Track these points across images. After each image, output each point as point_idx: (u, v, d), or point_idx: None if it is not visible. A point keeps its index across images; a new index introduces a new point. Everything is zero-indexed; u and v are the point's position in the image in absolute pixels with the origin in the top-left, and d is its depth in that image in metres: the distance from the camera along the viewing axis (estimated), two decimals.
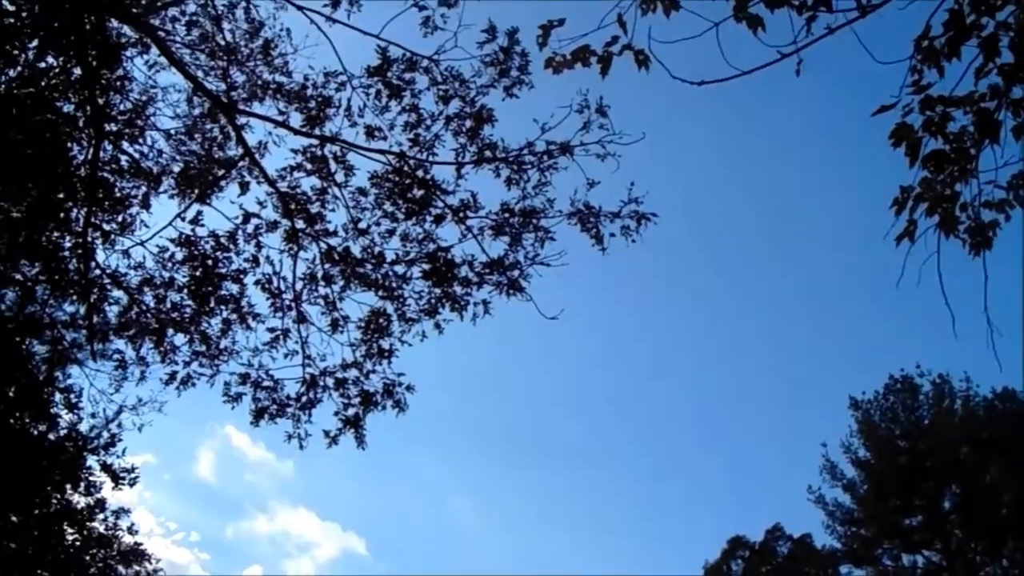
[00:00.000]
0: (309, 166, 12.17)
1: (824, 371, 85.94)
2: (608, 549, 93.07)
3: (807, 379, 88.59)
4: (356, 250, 12.48)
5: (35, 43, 11.32)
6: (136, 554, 19.60)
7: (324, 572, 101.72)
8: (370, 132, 11.84)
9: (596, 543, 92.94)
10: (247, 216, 12.37)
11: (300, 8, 11.44)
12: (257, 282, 12.69)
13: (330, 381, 12.76)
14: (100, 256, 13.00)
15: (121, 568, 19.43)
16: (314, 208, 12.41)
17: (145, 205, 12.91)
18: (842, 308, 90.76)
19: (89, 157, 12.09)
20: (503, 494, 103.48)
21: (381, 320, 12.55)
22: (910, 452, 35.72)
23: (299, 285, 12.64)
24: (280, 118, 11.98)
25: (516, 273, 11.86)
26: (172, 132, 12.85)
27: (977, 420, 34.02)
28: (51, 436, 17.13)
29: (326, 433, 12.61)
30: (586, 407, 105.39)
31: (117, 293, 13.37)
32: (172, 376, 13.05)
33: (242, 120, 12.21)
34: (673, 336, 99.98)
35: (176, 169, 12.83)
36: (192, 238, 12.51)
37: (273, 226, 12.48)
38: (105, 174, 12.58)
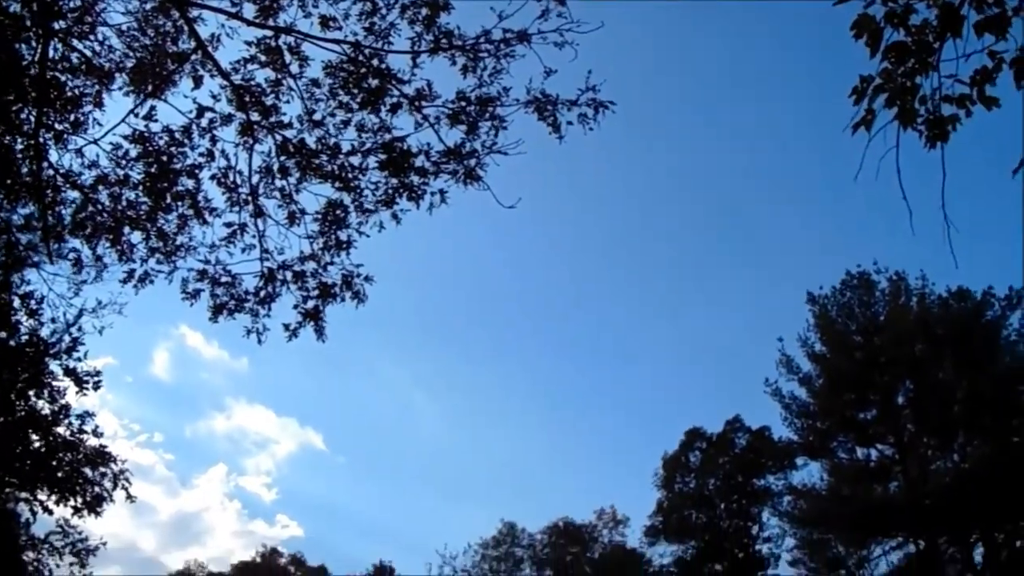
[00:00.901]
0: (263, 58, 11.80)
1: (783, 266, 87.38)
2: (567, 442, 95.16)
3: (767, 274, 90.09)
4: (311, 142, 12.24)
5: None
6: (102, 456, 19.74)
7: (284, 469, 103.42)
8: (325, 22, 11.47)
9: (555, 435, 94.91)
10: (201, 110, 12.03)
11: None
12: (213, 177, 12.44)
13: (288, 274, 12.67)
14: (53, 156, 12.74)
15: (88, 471, 19.58)
16: (269, 100, 12.08)
17: (98, 103, 12.50)
18: (802, 203, 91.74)
19: (38, 57, 11.67)
20: (462, 386, 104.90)
21: (338, 212, 12.41)
22: (865, 348, 36.53)
23: (255, 178, 12.41)
24: (233, 9, 11.55)
25: (473, 162, 11.72)
26: (123, 28, 12.39)
27: (932, 317, 34.67)
28: (12, 343, 17.02)
29: (286, 327, 12.56)
30: (546, 298, 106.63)
31: (72, 193, 13.12)
32: (130, 274, 12.90)
33: (194, 13, 11.75)
34: (632, 227, 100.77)
35: (129, 65, 12.43)
36: (146, 134, 12.19)
37: (228, 119, 12.15)
38: (56, 73, 12.16)
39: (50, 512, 19.45)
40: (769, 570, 40.64)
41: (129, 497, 20.02)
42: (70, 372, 17.48)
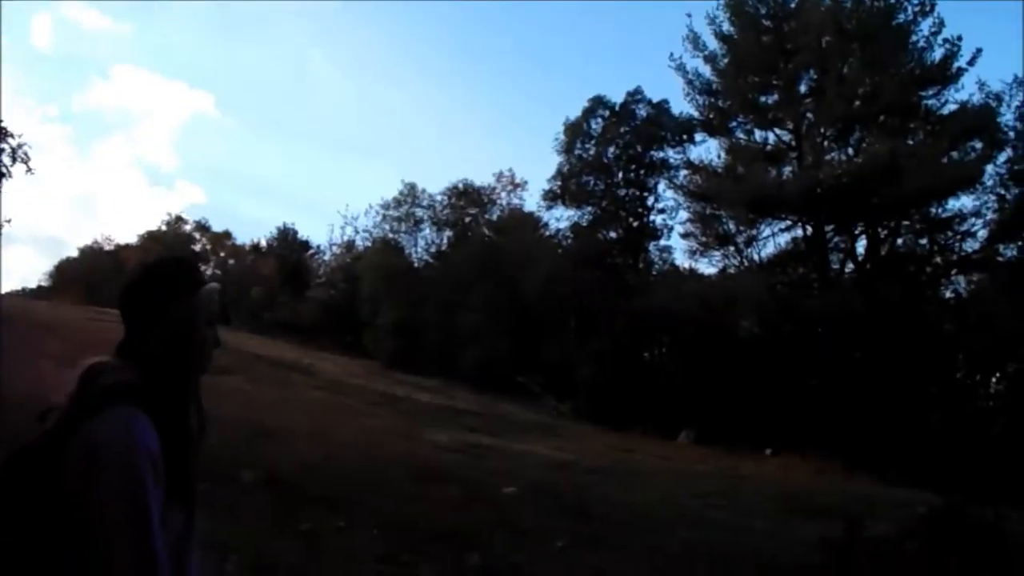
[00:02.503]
0: None
1: None
2: (470, 105, 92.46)
3: None
4: None
5: None
6: None
7: (179, 135, 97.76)
8: None
9: (458, 97, 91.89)
10: None
11: None
12: None
13: None
14: None
15: None
16: None
17: None
18: None
19: None
20: (363, 44, 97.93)
21: None
22: (774, 33, 36.52)
23: None
24: None
25: None
26: None
27: (844, 12, 34.51)
28: None
29: None
30: None
31: None
32: None
33: None
34: None
35: None
36: None
37: None
38: None
39: None
40: (662, 240, 43.31)
41: (29, 170, 19.66)
42: None
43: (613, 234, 43.03)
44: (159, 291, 2.12)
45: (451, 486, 12.43)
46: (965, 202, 33.89)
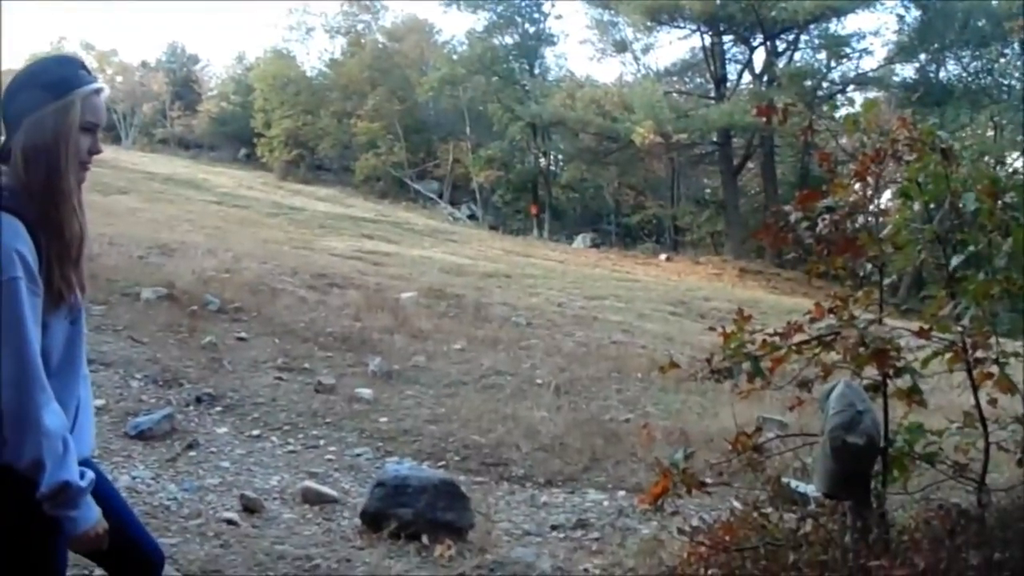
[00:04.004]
0: None
1: None
2: None
3: None
4: None
5: None
6: None
7: None
8: None
9: None
10: None
11: None
12: None
13: None
14: None
15: None
16: None
17: None
18: None
19: None
20: None
21: None
22: None
23: None
24: None
25: None
26: None
27: None
28: None
29: None
30: None
31: None
32: None
33: None
34: None
35: None
36: None
37: None
38: None
39: None
40: (558, 47, 42.46)
41: None
42: None
43: (509, 40, 42.05)
44: (38, 93, 2.05)
45: (349, 292, 12.59)
46: (865, 21, 34.17)
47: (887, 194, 3.68)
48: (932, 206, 3.38)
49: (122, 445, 5.56)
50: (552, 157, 42.95)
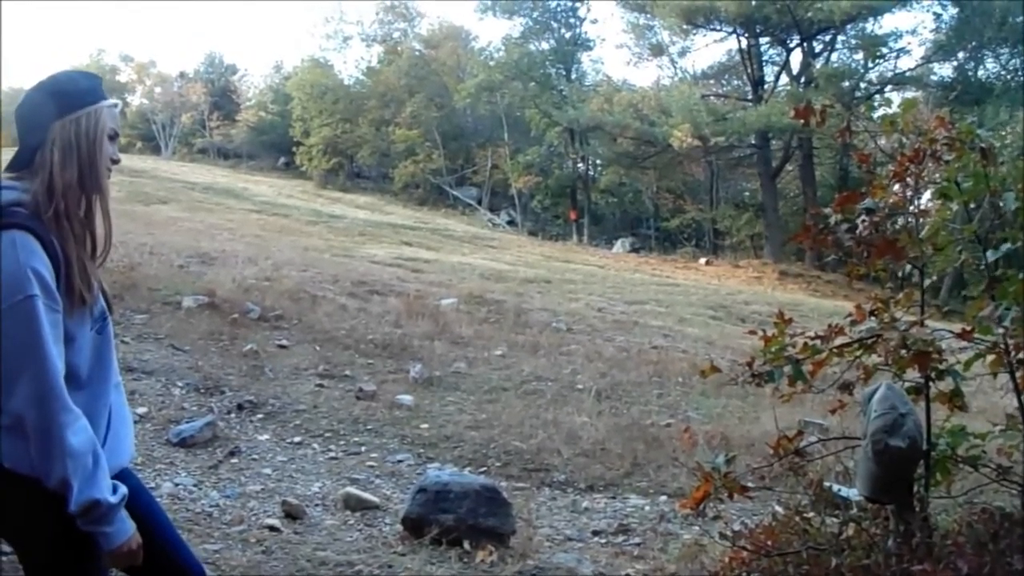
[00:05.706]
0: None
1: None
2: None
3: None
4: None
5: None
6: None
7: None
8: None
9: None
10: None
11: None
12: None
13: None
14: None
15: None
16: None
17: None
18: None
19: None
20: None
21: None
22: None
23: None
24: None
25: None
26: None
27: None
28: None
29: None
30: None
31: None
32: None
33: None
34: None
35: None
36: None
37: None
38: None
39: None
40: (594, 52, 42.55)
41: None
42: None
43: (545, 45, 42.13)
44: (69, 100, 2.09)
45: (390, 299, 12.66)
46: (901, 20, 33.78)
47: (927, 194, 3.64)
48: (972, 206, 3.36)
49: (165, 453, 5.65)
50: (590, 162, 42.91)
